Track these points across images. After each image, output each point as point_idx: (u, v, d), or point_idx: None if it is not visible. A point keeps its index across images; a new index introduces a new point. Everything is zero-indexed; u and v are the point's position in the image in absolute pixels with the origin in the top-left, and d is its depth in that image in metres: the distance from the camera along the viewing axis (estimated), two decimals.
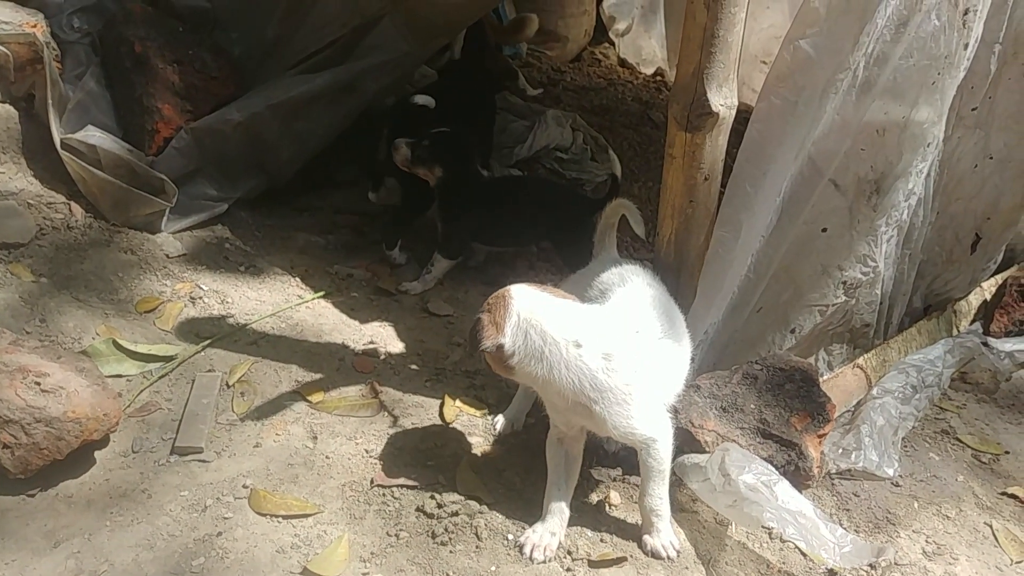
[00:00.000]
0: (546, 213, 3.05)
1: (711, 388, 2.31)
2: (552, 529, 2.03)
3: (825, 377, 2.58)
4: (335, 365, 2.57)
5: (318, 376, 2.51)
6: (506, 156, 3.56)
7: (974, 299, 3.29)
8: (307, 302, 2.83)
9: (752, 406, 2.28)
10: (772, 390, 2.32)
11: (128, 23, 3.24)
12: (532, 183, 3.42)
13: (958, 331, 3.19)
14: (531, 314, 1.92)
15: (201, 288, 2.79)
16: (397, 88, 3.43)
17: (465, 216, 2.97)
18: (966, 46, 2.38)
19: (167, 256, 2.91)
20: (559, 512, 2.04)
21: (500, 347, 1.92)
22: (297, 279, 2.94)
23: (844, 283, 2.53)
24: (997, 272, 3.39)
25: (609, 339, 1.95)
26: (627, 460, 2.34)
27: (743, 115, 2.17)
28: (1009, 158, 3.00)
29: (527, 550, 1.99)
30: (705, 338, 2.30)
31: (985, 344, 3.12)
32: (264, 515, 2.03)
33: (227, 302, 2.75)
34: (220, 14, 3.41)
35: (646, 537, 2.06)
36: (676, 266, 2.23)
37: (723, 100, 2.06)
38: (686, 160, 2.12)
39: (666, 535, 2.05)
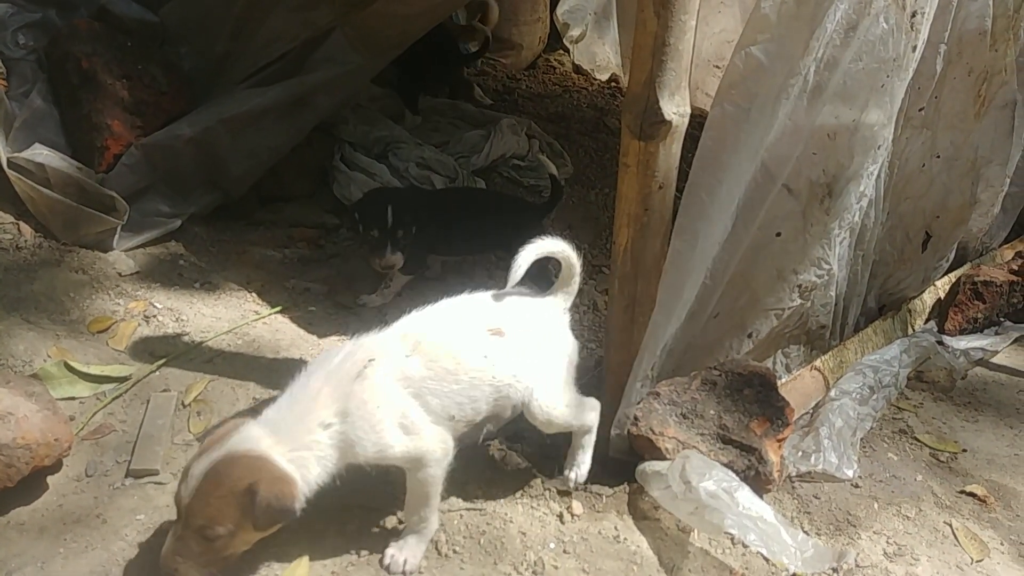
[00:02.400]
0: (493, 222, 3.07)
1: (670, 395, 2.31)
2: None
3: (783, 380, 2.60)
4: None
5: (276, 393, 2.46)
6: (463, 165, 3.55)
7: (928, 297, 3.35)
8: (264, 318, 2.79)
9: (712, 412, 2.29)
10: (731, 395, 2.33)
11: (74, 39, 3.18)
12: (479, 193, 3.43)
13: (913, 330, 3.23)
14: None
15: (155, 306, 2.74)
16: (349, 101, 3.42)
17: (420, 232, 2.96)
18: (914, 48, 2.42)
19: (120, 274, 2.86)
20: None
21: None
22: (253, 294, 2.90)
23: (799, 286, 2.55)
24: (950, 270, 3.45)
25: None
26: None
27: (698, 120, 2.18)
28: (956, 156, 3.06)
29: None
30: (665, 346, 2.30)
31: (940, 343, 3.17)
32: None
33: (182, 320, 2.70)
34: (169, 28, 3.37)
35: (390, 548, 1.99)
36: (633, 275, 2.23)
37: (676, 108, 2.07)
38: (640, 169, 2.12)
39: (408, 551, 1.98)
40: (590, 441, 2.26)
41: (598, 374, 2.54)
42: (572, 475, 2.24)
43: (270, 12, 3.18)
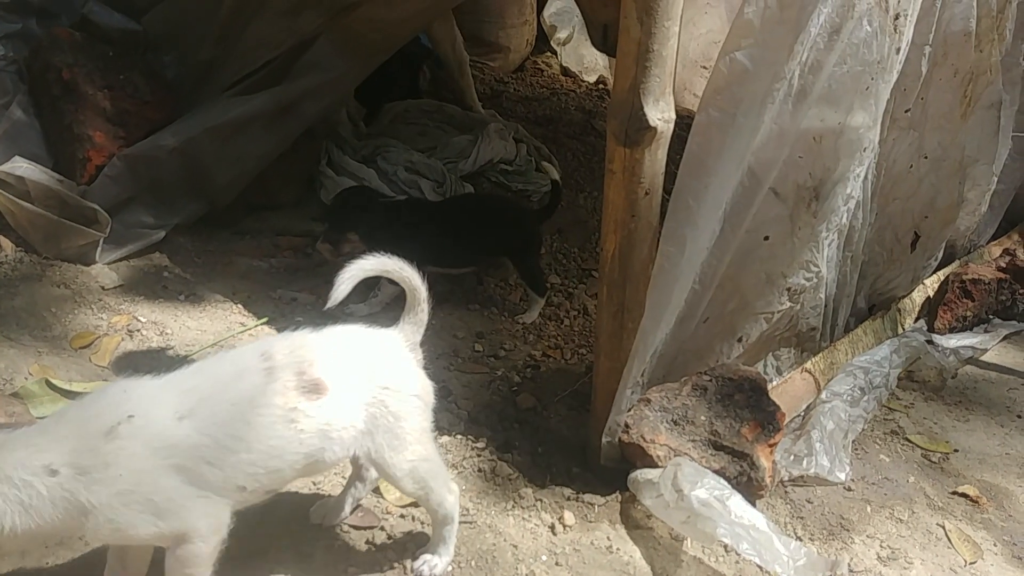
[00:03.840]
0: (490, 230, 3.04)
1: (661, 401, 2.30)
2: None
3: (774, 383, 2.59)
4: None
5: None
6: (450, 171, 3.53)
7: (917, 297, 3.35)
8: (250, 329, 2.76)
9: (703, 418, 2.28)
10: (722, 401, 2.32)
11: (55, 49, 3.14)
12: (474, 201, 3.41)
13: (903, 329, 3.23)
14: None
15: (139, 320, 2.70)
16: (336, 107, 3.39)
17: (407, 242, 2.93)
18: (898, 50, 2.42)
19: (103, 288, 2.82)
20: None
21: None
22: (239, 306, 2.87)
23: (788, 289, 2.54)
24: (938, 269, 3.46)
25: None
26: (580, 477, 2.33)
27: (687, 121, 2.16)
28: (943, 157, 3.06)
29: None
30: (655, 352, 2.28)
31: (930, 342, 3.17)
32: None
33: (166, 333, 2.67)
34: (152, 37, 3.34)
35: None
36: (621, 281, 2.21)
37: (660, 114, 2.05)
38: (626, 175, 2.11)
39: None
40: (451, 534, 1.94)
41: (589, 380, 2.53)
42: (423, 569, 1.93)
43: (253, 19, 3.15)
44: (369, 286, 2.99)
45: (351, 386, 1.76)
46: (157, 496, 1.59)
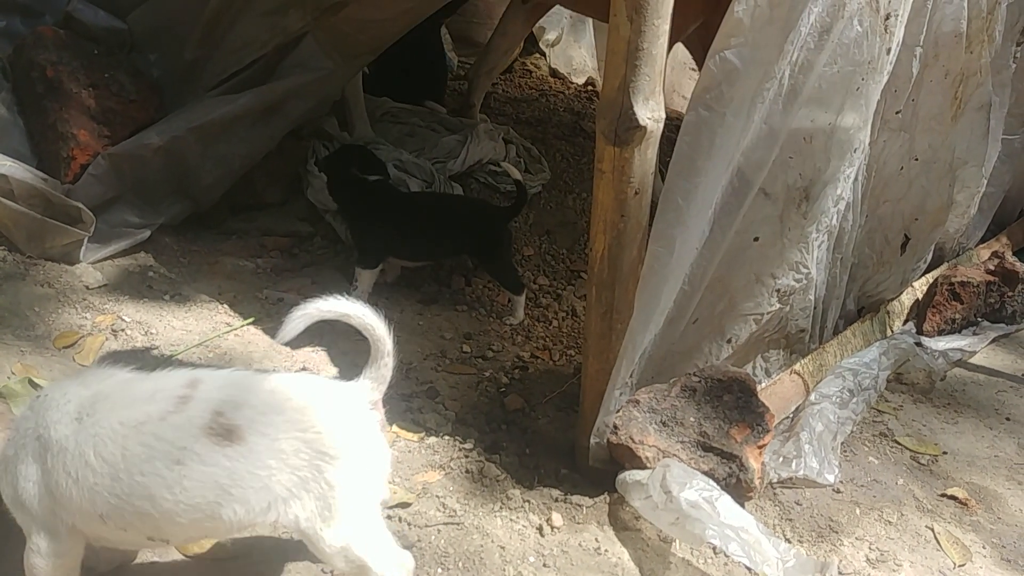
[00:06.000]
0: (456, 227, 3.05)
1: (650, 402, 2.28)
2: None
3: (763, 385, 2.58)
4: None
5: None
6: (439, 171, 3.51)
7: (906, 299, 3.35)
8: (236, 330, 2.73)
9: (692, 419, 2.26)
10: (711, 402, 2.30)
11: (39, 47, 3.10)
12: (441, 198, 3.39)
13: (892, 332, 3.23)
14: None
15: (123, 319, 2.67)
16: (322, 108, 3.37)
17: (369, 225, 2.98)
18: (888, 51, 2.41)
19: (87, 287, 2.79)
20: None
21: None
22: (225, 306, 2.84)
23: (778, 291, 2.53)
24: (927, 272, 3.45)
25: None
26: (568, 479, 2.32)
27: (675, 123, 2.15)
28: (933, 159, 3.06)
29: None
30: (644, 353, 2.27)
31: (919, 344, 3.16)
32: (190, 556, 1.94)
33: (151, 333, 2.64)
34: (137, 35, 3.30)
35: None
36: (610, 282, 2.20)
37: (650, 113, 2.04)
38: (615, 175, 2.09)
39: None
40: None
41: (577, 381, 2.52)
42: None
43: (239, 18, 3.12)
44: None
45: (276, 445, 1.55)
46: (20, 482, 1.56)
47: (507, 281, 3.06)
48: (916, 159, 2.99)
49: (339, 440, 1.60)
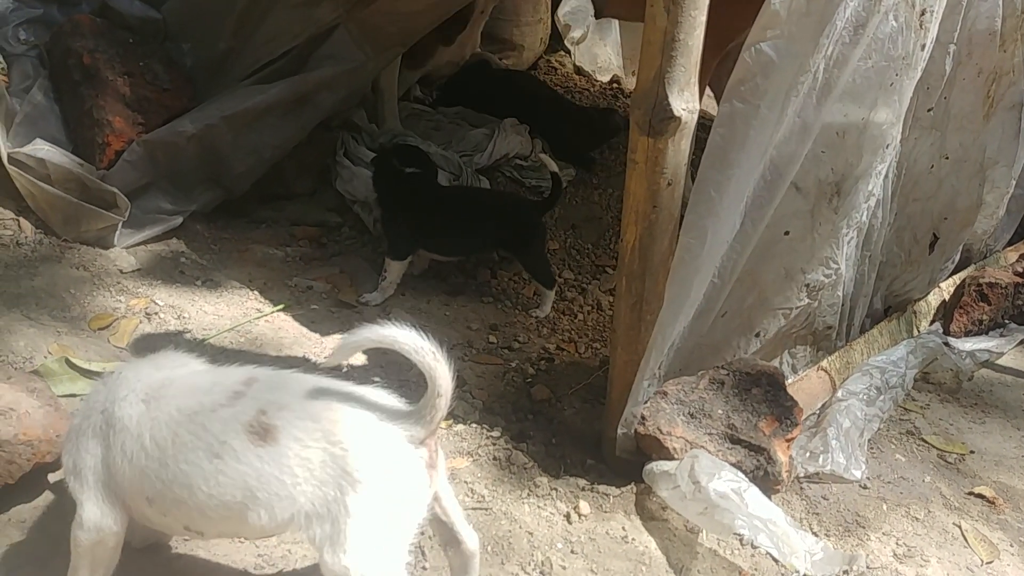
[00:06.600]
0: (491, 221, 3.05)
1: (678, 394, 2.29)
2: None
3: (790, 381, 2.58)
4: None
5: None
6: (466, 164, 3.53)
7: (933, 299, 3.33)
8: (266, 316, 2.76)
9: (720, 411, 2.27)
10: (739, 395, 2.31)
11: (76, 35, 3.15)
12: (474, 192, 3.40)
13: (918, 331, 3.22)
14: None
15: (156, 303, 2.71)
16: (352, 99, 3.39)
17: (401, 216, 2.98)
18: (923, 47, 2.40)
19: (121, 271, 2.83)
20: None
21: None
22: (255, 292, 2.87)
23: (807, 286, 2.53)
24: (955, 272, 3.43)
25: None
26: (594, 469, 2.33)
27: (704, 121, 2.16)
28: (964, 158, 3.04)
29: None
30: (672, 345, 2.27)
31: (946, 344, 3.15)
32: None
33: (184, 317, 2.68)
34: (171, 25, 3.34)
35: None
36: (641, 273, 2.20)
37: (685, 104, 2.05)
38: (648, 165, 2.10)
39: None
40: None
41: (603, 374, 2.53)
42: None
43: (272, 9, 3.15)
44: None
45: (305, 452, 1.51)
46: (81, 453, 1.63)
47: (541, 275, 3.06)
48: (947, 158, 2.97)
49: (365, 464, 1.51)
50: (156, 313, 2.65)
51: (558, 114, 4.01)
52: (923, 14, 2.34)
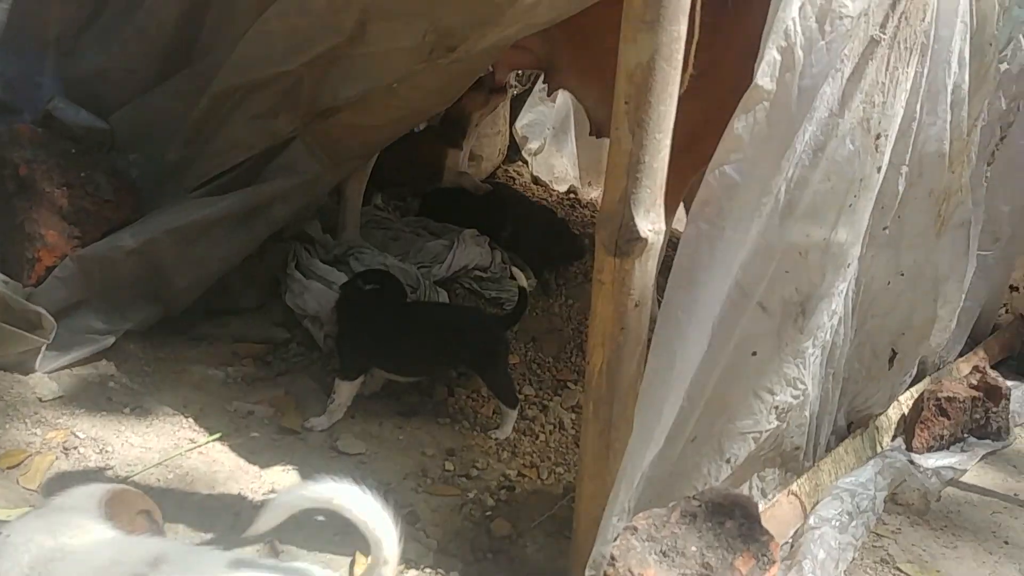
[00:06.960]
0: (454, 338, 2.93)
1: (649, 530, 2.14)
2: None
3: (762, 508, 2.46)
4: (229, 521, 2.26)
5: (209, 535, 2.22)
6: (424, 276, 3.43)
7: (893, 413, 3.32)
8: (200, 446, 2.55)
9: (693, 548, 2.12)
10: (713, 528, 2.17)
11: (14, 145, 3.01)
12: (435, 308, 3.29)
13: (881, 447, 3.18)
14: None
15: (77, 436, 2.47)
16: (308, 211, 3.29)
17: (354, 333, 2.85)
18: (879, 169, 2.43)
19: (40, 400, 2.59)
20: None
21: None
22: (190, 419, 2.66)
23: (776, 407, 2.45)
24: (911, 385, 3.42)
25: None
26: None
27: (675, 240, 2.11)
28: (919, 274, 3.07)
29: None
30: (642, 475, 2.15)
31: (912, 462, 3.09)
32: None
33: (107, 451, 2.45)
34: (119, 135, 3.22)
35: None
36: (609, 398, 2.10)
37: (651, 225, 2.00)
38: (616, 286, 2.03)
39: None
40: None
41: (568, 503, 2.38)
42: None
43: (228, 120, 3.05)
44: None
45: None
46: None
47: (504, 394, 2.92)
48: (902, 274, 2.99)
49: None
50: (75, 447, 2.42)
51: (545, 224, 4.02)
52: (878, 138, 2.36)
